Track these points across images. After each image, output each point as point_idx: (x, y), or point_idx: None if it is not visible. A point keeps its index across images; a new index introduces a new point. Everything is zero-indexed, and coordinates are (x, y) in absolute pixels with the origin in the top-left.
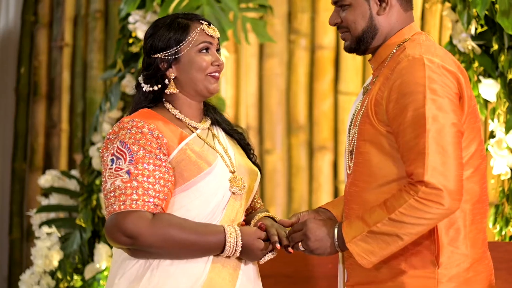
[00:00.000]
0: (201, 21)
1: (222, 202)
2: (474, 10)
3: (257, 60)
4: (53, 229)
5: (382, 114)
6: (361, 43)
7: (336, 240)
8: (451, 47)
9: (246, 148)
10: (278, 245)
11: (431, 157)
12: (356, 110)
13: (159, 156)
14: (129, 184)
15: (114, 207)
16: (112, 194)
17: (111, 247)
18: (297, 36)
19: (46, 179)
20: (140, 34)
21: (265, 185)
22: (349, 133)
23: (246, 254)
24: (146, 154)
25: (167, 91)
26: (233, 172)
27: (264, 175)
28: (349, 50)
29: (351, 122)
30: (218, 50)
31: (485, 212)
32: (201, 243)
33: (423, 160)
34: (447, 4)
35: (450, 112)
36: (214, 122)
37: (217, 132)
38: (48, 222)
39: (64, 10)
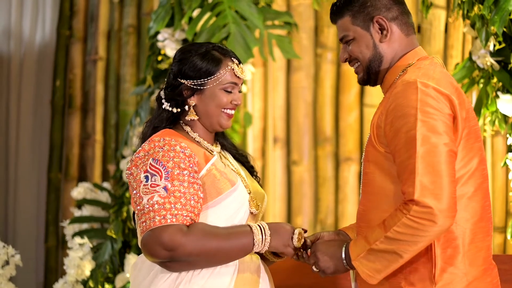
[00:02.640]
0: (233, 58)
1: (243, 219)
2: (492, 28)
3: (285, 73)
4: (85, 239)
5: (382, 136)
6: (370, 72)
7: (344, 258)
8: (471, 63)
9: (250, 170)
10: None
11: (421, 177)
12: None
13: (192, 174)
14: (167, 200)
15: (155, 221)
16: (150, 209)
17: None
18: (324, 50)
19: (78, 191)
20: (169, 52)
21: (292, 195)
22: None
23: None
24: (181, 172)
25: (187, 117)
26: (249, 193)
27: (291, 186)
28: (362, 82)
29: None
30: (241, 87)
31: (488, 230)
32: (234, 245)
33: (414, 180)
34: (467, 21)
35: (442, 133)
36: (223, 146)
37: (227, 156)
38: (81, 233)
39: (98, 25)
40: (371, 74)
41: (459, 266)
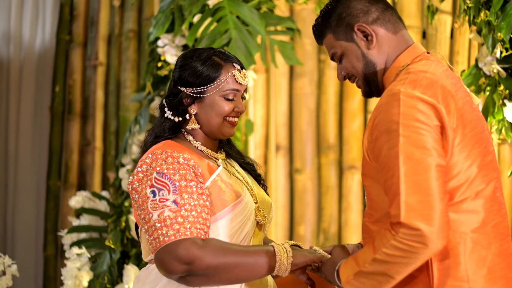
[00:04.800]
0: (234, 64)
1: (251, 231)
2: (499, 34)
3: (287, 79)
4: (83, 249)
5: (371, 150)
6: (369, 83)
7: (337, 279)
8: (477, 70)
9: (257, 178)
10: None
11: (407, 197)
12: None
13: (199, 185)
14: (179, 213)
15: (169, 236)
16: (162, 225)
17: (140, 268)
18: (327, 56)
19: (76, 200)
20: (169, 58)
21: (295, 204)
22: None
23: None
24: (188, 183)
25: (188, 126)
26: (256, 203)
27: (294, 194)
28: (366, 95)
29: None
30: (244, 94)
31: (499, 235)
32: (253, 262)
33: (399, 201)
34: (473, 27)
35: (429, 147)
36: (229, 155)
37: (233, 164)
38: (79, 243)
39: (98, 30)
40: (371, 85)
41: (460, 276)
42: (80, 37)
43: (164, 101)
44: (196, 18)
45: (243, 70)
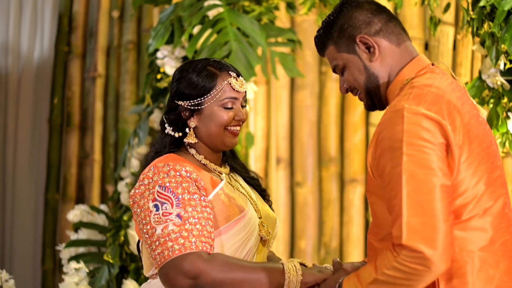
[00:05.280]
0: (230, 72)
1: (254, 247)
2: (503, 46)
3: (288, 91)
4: (81, 264)
5: (375, 167)
6: (372, 96)
7: None
8: (480, 82)
9: (262, 194)
10: None
11: (409, 219)
12: None
13: (202, 198)
14: (183, 227)
15: (174, 250)
16: (166, 239)
17: (139, 283)
18: (329, 68)
19: (75, 214)
20: (169, 70)
21: (296, 217)
22: None
23: None
24: (191, 196)
25: (186, 140)
26: (260, 218)
27: (295, 208)
28: (368, 108)
29: None
30: (244, 102)
31: (507, 253)
32: (261, 279)
33: (400, 222)
34: (477, 39)
35: (433, 167)
36: (233, 168)
37: (237, 178)
38: (77, 257)
39: (97, 41)
40: (374, 99)
41: None
42: (78, 49)
43: (163, 117)
44: (196, 30)
45: (240, 77)
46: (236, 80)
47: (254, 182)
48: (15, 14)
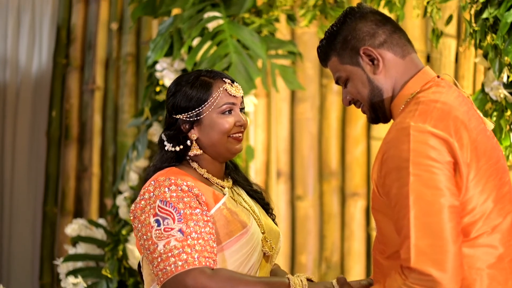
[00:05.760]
0: (224, 79)
1: (257, 263)
2: (506, 58)
3: (289, 104)
4: (79, 279)
5: (381, 186)
6: (376, 110)
7: None
8: (483, 95)
9: (265, 207)
10: None
11: (417, 241)
12: None
13: (204, 212)
14: (185, 243)
15: (176, 266)
16: (168, 255)
17: None
18: (329, 80)
19: (73, 228)
20: (168, 82)
21: (297, 232)
22: None
23: None
24: (193, 211)
25: (190, 153)
26: (263, 233)
27: (296, 222)
28: (372, 121)
29: None
30: (242, 108)
31: None
32: None
33: (409, 245)
34: (479, 51)
35: (441, 187)
36: (236, 181)
37: (240, 191)
38: (75, 272)
39: (95, 53)
40: (378, 112)
41: None
42: (77, 61)
43: (162, 135)
44: (195, 42)
45: (235, 83)
46: (231, 85)
47: (257, 195)
48: (13, 26)
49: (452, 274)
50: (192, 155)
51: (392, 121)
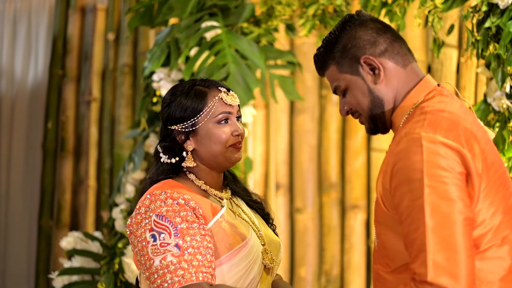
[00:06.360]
0: (219, 87)
1: (257, 276)
2: (509, 68)
3: (288, 115)
4: None
5: (388, 198)
6: (376, 120)
7: None
8: (485, 105)
9: (265, 218)
10: None
11: (433, 254)
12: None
13: (201, 226)
14: (182, 258)
15: (173, 283)
16: (165, 271)
17: None
18: (329, 91)
19: (68, 241)
20: (165, 93)
21: (296, 245)
22: None
23: None
24: (190, 225)
25: (184, 164)
26: (263, 245)
27: (295, 235)
28: (370, 132)
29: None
30: (239, 117)
31: None
32: None
33: (425, 258)
34: (481, 61)
35: (455, 199)
36: (235, 193)
37: (239, 202)
38: (70, 285)
39: (92, 64)
40: (377, 122)
41: None
42: (73, 72)
43: (158, 147)
44: (193, 52)
45: (230, 91)
46: (227, 94)
47: (256, 206)
48: (9, 37)
49: (466, 287)
50: (185, 166)
51: (391, 131)
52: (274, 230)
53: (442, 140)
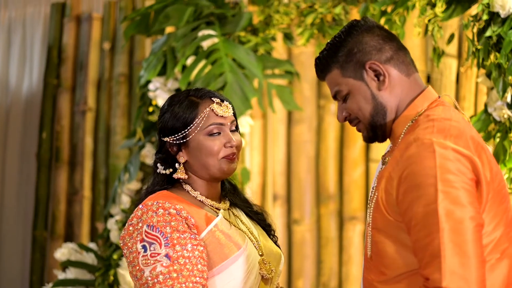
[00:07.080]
0: (212, 98)
1: (255, 286)
2: (510, 77)
3: (285, 126)
4: None
5: (392, 204)
6: (376, 128)
7: None
8: (486, 115)
9: (266, 229)
10: None
11: (448, 260)
12: (374, 184)
13: (193, 236)
14: (172, 268)
15: None
16: (154, 281)
17: None
18: (327, 101)
19: (62, 253)
20: (161, 102)
21: (293, 256)
22: (368, 208)
23: None
24: (181, 235)
25: (175, 175)
26: (261, 255)
27: (292, 246)
28: (368, 140)
29: (370, 196)
30: (235, 127)
31: None
32: None
33: (440, 264)
34: (482, 71)
35: (467, 205)
36: (234, 204)
37: (238, 213)
38: None
39: (87, 74)
40: (377, 130)
41: None
42: (68, 81)
43: (155, 158)
44: (189, 61)
45: (225, 102)
46: (220, 105)
47: (257, 217)
48: (3, 46)
49: None
50: (176, 178)
51: (388, 140)
52: (275, 242)
53: (453, 146)
